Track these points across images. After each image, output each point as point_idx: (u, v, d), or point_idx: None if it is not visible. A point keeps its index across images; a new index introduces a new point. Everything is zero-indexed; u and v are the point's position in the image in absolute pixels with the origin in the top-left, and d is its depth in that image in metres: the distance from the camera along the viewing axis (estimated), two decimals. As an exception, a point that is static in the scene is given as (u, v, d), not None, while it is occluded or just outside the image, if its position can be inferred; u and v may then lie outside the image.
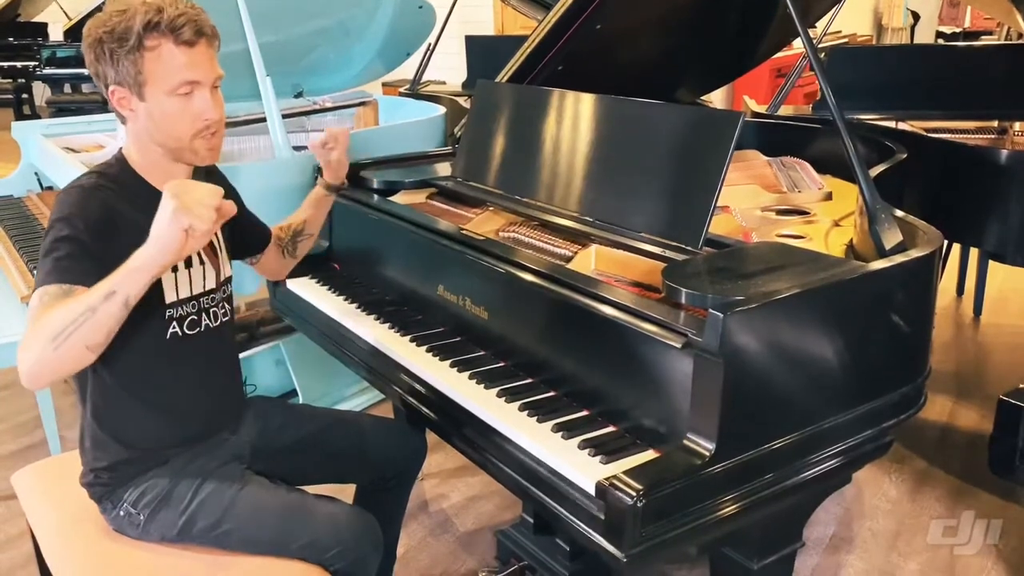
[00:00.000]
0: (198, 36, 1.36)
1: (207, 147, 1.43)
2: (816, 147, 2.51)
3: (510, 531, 2.03)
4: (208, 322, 1.52)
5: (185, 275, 1.47)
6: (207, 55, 1.39)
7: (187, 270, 1.48)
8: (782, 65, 6.21)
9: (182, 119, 1.38)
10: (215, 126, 1.42)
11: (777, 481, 1.32)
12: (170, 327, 1.46)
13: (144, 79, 1.36)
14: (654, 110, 1.69)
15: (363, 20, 3.29)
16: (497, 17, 6.74)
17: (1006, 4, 2.96)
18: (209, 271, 1.52)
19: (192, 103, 1.38)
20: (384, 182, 2.18)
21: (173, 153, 1.43)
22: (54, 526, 1.57)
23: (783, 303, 1.27)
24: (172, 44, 1.34)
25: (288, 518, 1.46)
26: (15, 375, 3.34)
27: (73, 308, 1.20)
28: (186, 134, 1.40)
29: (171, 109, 1.37)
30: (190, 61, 1.36)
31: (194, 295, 1.49)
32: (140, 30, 1.33)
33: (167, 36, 1.34)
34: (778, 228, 1.83)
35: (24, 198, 3.04)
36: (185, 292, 1.48)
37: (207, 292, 1.52)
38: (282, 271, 1.93)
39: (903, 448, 2.79)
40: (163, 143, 1.42)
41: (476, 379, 1.56)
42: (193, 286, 1.49)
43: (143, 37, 1.33)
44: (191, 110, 1.38)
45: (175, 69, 1.35)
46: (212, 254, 1.54)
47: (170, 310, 1.46)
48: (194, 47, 1.36)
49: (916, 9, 11.00)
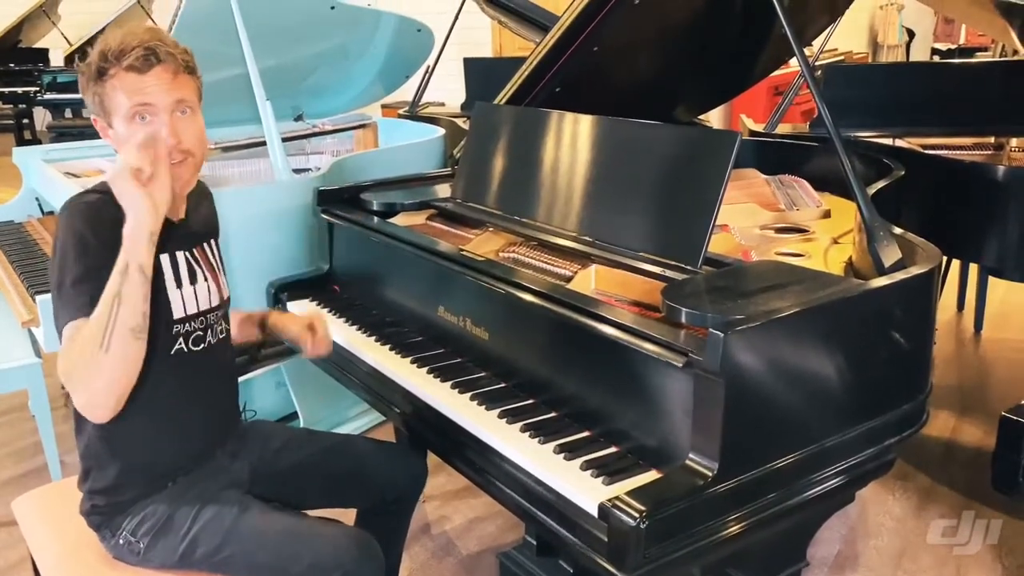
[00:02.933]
0: (148, 62, 1.37)
1: (175, 172, 1.40)
2: (814, 165, 2.51)
3: (513, 553, 2.02)
4: (211, 339, 1.54)
5: (191, 291, 1.49)
6: (163, 79, 1.39)
7: (192, 286, 1.49)
8: (779, 83, 6.23)
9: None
10: (176, 154, 1.40)
11: (780, 500, 1.31)
12: (176, 343, 1.47)
13: (107, 108, 1.40)
14: (652, 130, 1.70)
15: (362, 43, 3.31)
16: (495, 39, 6.79)
17: (1000, 22, 2.98)
18: (212, 288, 1.54)
19: (149, 128, 1.39)
20: (383, 204, 2.19)
21: None
22: (55, 553, 1.56)
23: (783, 322, 1.27)
24: (123, 71, 1.37)
25: (289, 542, 1.45)
26: (16, 400, 3.33)
27: (100, 308, 1.27)
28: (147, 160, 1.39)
29: (129, 134, 1.39)
30: (140, 86, 1.38)
31: (201, 311, 1.51)
32: (98, 61, 1.37)
33: (117, 64, 1.37)
34: (777, 246, 1.84)
35: (25, 223, 3.04)
36: (192, 308, 1.49)
37: (213, 309, 1.54)
38: None
39: (906, 465, 2.77)
40: None
41: (477, 400, 1.55)
42: (200, 302, 1.51)
43: (101, 67, 1.37)
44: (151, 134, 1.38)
45: (127, 95, 1.38)
46: (212, 272, 1.56)
47: (178, 326, 1.47)
48: (145, 73, 1.37)
49: (911, 27, 11.07)
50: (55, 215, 3.01)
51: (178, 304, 1.47)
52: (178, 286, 1.46)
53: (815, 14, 2.62)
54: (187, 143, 1.42)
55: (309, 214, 2.37)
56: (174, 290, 1.46)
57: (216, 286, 1.56)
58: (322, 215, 2.24)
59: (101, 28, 8.17)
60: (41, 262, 2.60)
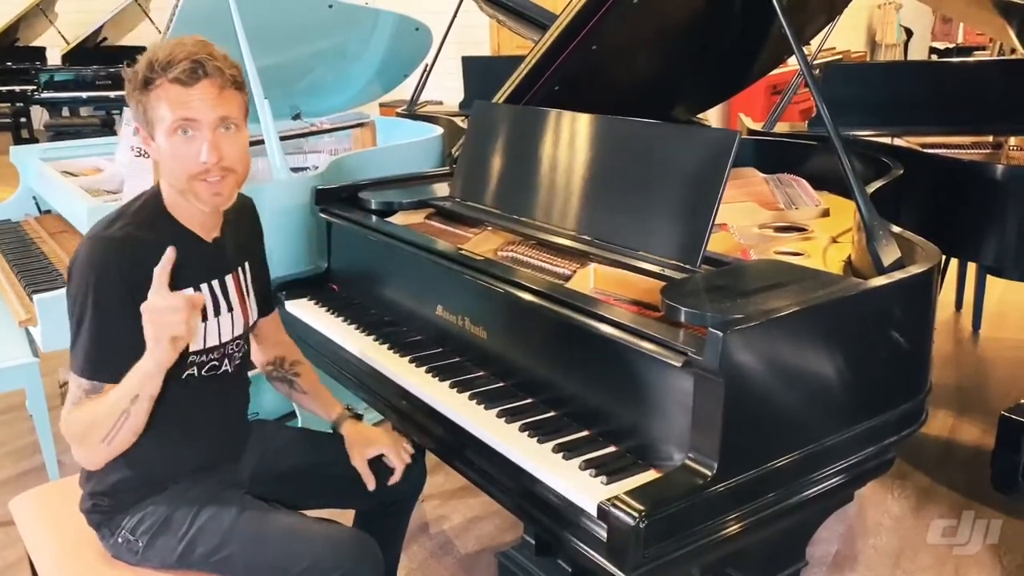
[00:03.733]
0: (195, 75, 1.34)
1: (210, 192, 1.39)
2: (812, 164, 2.51)
3: (511, 552, 2.02)
4: (227, 368, 1.52)
5: (214, 324, 1.47)
6: (208, 94, 1.35)
7: (216, 319, 1.47)
8: (777, 82, 6.23)
9: (179, 160, 1.37)
10: (217, 171, 1.38)
11: (780, 500, 1.31)
12: (189, 370, 1.46)
13: (150, 118, 1.37)
14: (651, 129, 1.70)
15: (360, 42, 3.31)
16: (493, 37, 6.79)
17: (998, 20, 2.98)
18: (238, 317, 1.53)
19: (192, 143, 1.36)
20: (382, 203, 2.19)
21: (180, 194, 1.42)
22: (52, 552, 1.56)
23: (783, 321, 1.27)
24: (168, 82, 1.34)
25: (288, 542, 1.45)
26: (14, 399, 3.32)
27: (111, 414, 1.33)
28: (183, 175, 1.38)
29: (170, 149, 1.37)
30: (185, 100, 1.34)
31: (222, 343, 1.49)
32: (144, 70, 1.34)
33: (163, 75, 1.34)
34: (776, 245, 1.84)
35: (22, 222, 3.03)
36: (213, 341, 1.47)
37: (235, 339, 1.52)
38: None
39: (905, 464, 2.77)
40: (172, 183, 1.42)
41: (476, 400, 1.55)
42: (222, 334, 1.49)
43: (147, 77, 1.34)
44: (189, 150, 1.36)
45: (171, 107, 1.35)
46: (241, 298, 1.54)
47: (193, 356, 1.46)
48: (191, 86, 1.34)
49: (909, 25, 11.09)
50: (52, 214, 3.01)
51: (198, 338, 1.44)
52: (201, 320, 1.43)
53: (814, 13, 2.62)
54: (228, 161, 1.39)
55: (307, 213, 2.37)
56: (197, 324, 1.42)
57: (242, 314, 1.53)
58: (320, 214, 2.23)
59: (99, 26, 8.17)
60: (38, 261, 2.59)
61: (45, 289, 2.28)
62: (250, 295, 1.58)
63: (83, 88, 7.93)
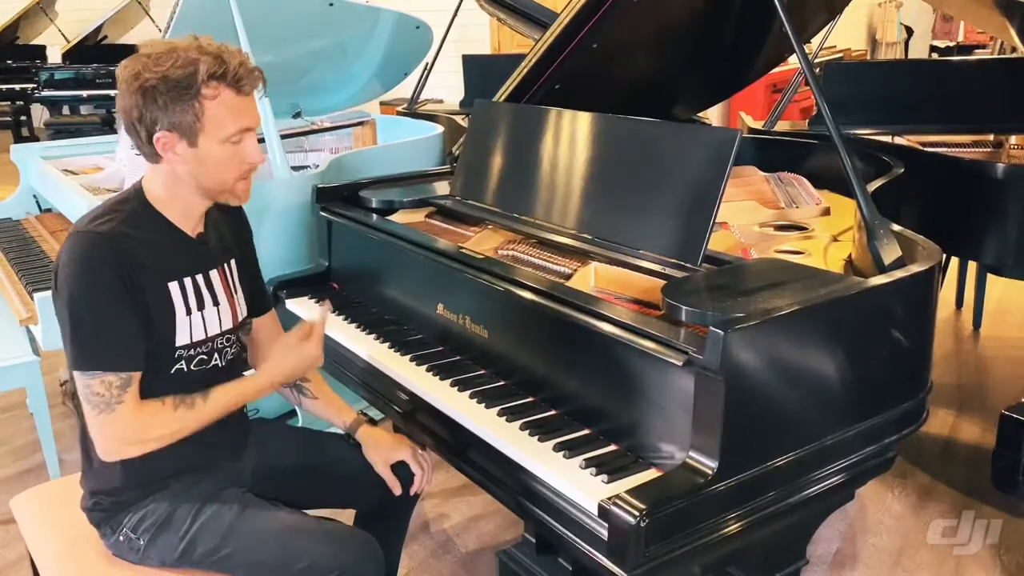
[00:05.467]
0: (255, 86, 1.40)
1: (245, 188, 1.46)
2: (813, 162, 2.51)
3: (512, 551, 2.01)
4: (217, 362, 1.52)
5: (199, 317, 1.47)
6: (255, 102, 1.44)
7: (200, 312, 1.47)
8: (778, 80, 6.23)
9: (231, 164, 1.41)
10: (252, 169, 1.46)
11: (780, 498, 1.31)
12: (177, 364, 1.46)
13: (201, 126, 1.36)
14: (652, 128, 1.70)
15: (361, 40, 3.31)
16: (493, 36, 6.78)
17: (999, 19, 2.98)
18: (225, 311, 1.52)
19: (242, 148, 1.41)
20: (382, 201, 2.19)
21: (211, 194, 1.45)
22: (53, 551, 1.56)
23: (783, 320, 1.27)
24: (233, 93, 1.37)
25: (289, 541, 1.45)
26: (14, 397, 3.32)
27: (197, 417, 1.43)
28: (231, 178, 1.43)
29: (223, 155, 1.39)
30: (242, 108, 1.39)
31: (208, 337, 1.49)
32: (204, 79, 1.34)
33: (230, 86, 1.36)
34: (777, 244, 1.84)
35: (23, 220, 3.04)
36: (199, 335, 1.47)
37: (223, 333, 1.52)
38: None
39: (905, 463, 2.78)
40: (207, 186, 1.43)
41: (477, 398, 1.55)
42: (208, 328, 1.49)
43: (205, 85, 1.34)
44: (240, 155, 1.41)
45: (233, 117, 1.38)
46: (228, 294, 1.54)
47: (180, 351, 1.45)
48: (249, 95, 1.40)
49: (910, 24, 11.08)
50: (53, 212, 3.01)
51: (184, 332, 1.44)
52: (187, 313, 1.44)
53: (814, 11, 2.62)
54: (258, 160, 1.46)
55: (308, 211, 2.37)
56: (183, 318, 1.44)
57: (230, 309, 1.53)
58: (321, 212, 2.23)
59: (99, 25, 8.17)
60: (39, 260, 2.59)
61: (46, 288, 2.27)
62: (237, 292, 1.58)
63: (83, 86, 7.94)
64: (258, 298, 1.70)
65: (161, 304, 1.41)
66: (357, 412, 1.73)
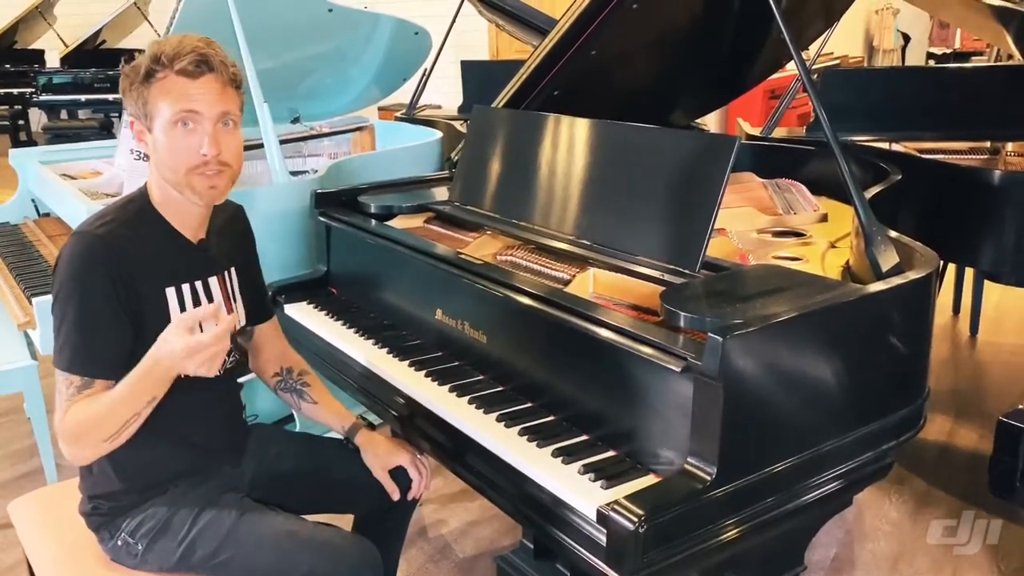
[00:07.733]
0: (201, 68, 1.37)
1: (206, 184, 1.42)
2: (811, 169, 2.52)
3: (510, 556, 2.01)
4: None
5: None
6: (212, 89, 1.39)
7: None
8: (775, 87, 6.25)
9: (179, 151, 1.39)
10: (215, 164, 1.40)
11: (778, 504, 1.31)
12: None
13: (150, 110, 1.38)
14: (650, 134, 1.71)
15: (359, 46, 3.31)
16: (492, 42, 6.80)
17: (995, 26, 2.99)
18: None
19: (192, 136, 1.39)
20: (381, 207, 2.19)
21: (175, 188, 1.43)
22: (51, 556, 1.56)
23: (782, 326, 1.27)
24: (173, 74, 1.37)
25: (287, 546, 1.45)
26: (12, 402, 3.31)
27: (119, 414, 1.32)
28: (182, 167, 1.40)
29: (170, 141, 1.39)
30: (188, 92, 1.37)
31: None
32: (148, 63, 1.37)
33: (169, 67, 1.37)
34: (774, 250, 1.84)
35: (21, 225, 3.03)
36: None
37: None
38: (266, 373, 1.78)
39: (903, 469, 2.78)
40: (166, 177, 1.43)
41: (475, 404, 1.55)
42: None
43: (151, 69, 1.37)
44: (189, 142, 1.39)
45: (175, 99, 1.37)
46: (227, 302, 1.54)
47: None
48: (196, 79, 1.38)
49: (907, 31, 11.11)
50: (51, 216, 3.01)
51: None
52: None
53: (812, 18, 2.63)
54: (227, 156, 1.42)
55: (307, 217, 2.37)
56: None
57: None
58: (320, 218, 2.23)
59: (97, 29, 8.18)
60: (37, 264, 2.59)
61: (44, 292, 2.27)
62: (237, 300, 1.58)
63: (82, 91, 7.93)
64: (260, 306, 1.70)
65: (157, 309, 1.42)
66: (356, 417, 1.73)
